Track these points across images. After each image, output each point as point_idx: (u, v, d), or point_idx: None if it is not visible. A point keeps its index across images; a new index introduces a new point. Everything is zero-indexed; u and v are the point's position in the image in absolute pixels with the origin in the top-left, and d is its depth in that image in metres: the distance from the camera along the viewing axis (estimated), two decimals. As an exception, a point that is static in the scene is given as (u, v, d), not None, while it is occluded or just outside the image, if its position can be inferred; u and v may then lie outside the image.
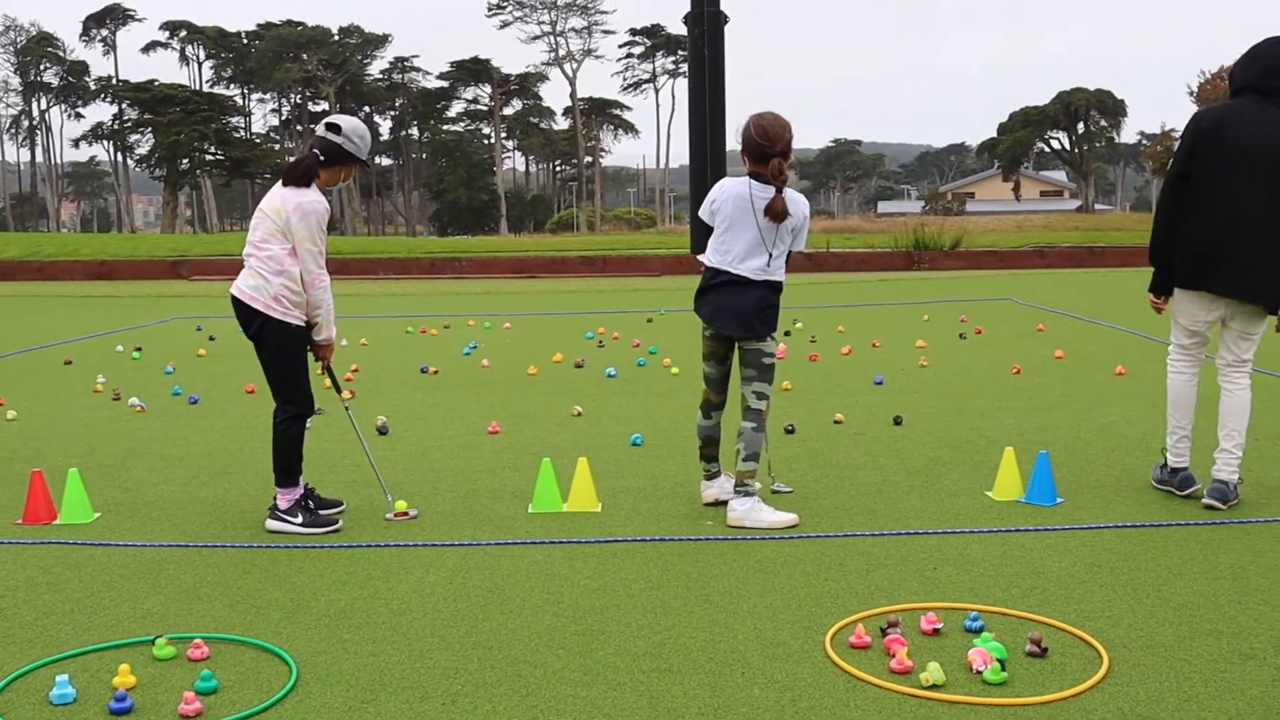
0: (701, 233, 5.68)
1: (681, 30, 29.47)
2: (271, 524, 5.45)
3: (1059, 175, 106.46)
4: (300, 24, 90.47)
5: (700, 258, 5.66)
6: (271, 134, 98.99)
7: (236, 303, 5.44)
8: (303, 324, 5.46)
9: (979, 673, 3.67)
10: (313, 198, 5.38)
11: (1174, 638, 3.98)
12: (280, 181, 5.47)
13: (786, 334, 13.12)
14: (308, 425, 5.70)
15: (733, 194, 5.46)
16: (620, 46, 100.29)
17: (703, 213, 5.65)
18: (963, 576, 4.68)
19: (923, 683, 3.60)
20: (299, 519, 5.43)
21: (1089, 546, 5.04)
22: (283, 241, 5.36)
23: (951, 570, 4.76)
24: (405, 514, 5.66)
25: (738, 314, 5.46)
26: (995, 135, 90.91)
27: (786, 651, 3.91)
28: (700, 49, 26.19)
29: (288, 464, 5.49)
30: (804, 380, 9.77)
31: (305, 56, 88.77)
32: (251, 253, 5.41)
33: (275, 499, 5.49)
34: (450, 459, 6.96)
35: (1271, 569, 4.68)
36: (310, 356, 5.63)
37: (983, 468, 6.45)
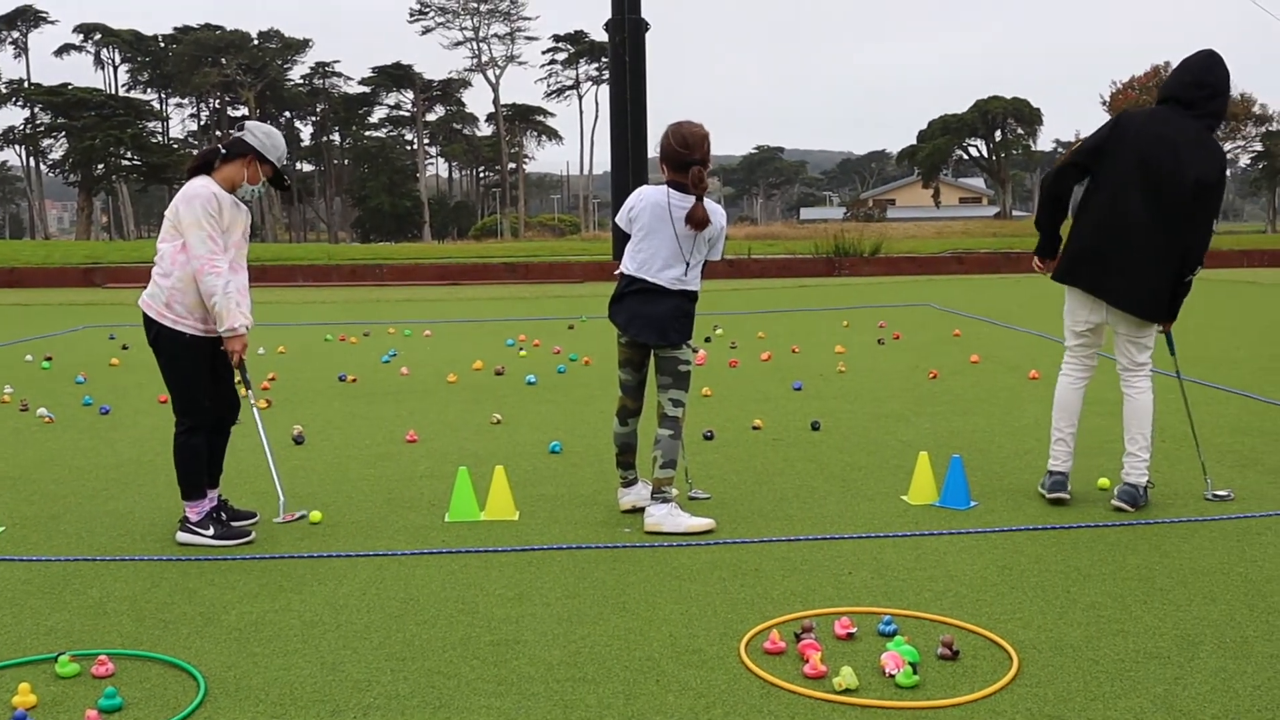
0: (621, 240, 5.67)
1: (604, 37, 29.48)
2: (182, 536, 5.35)
3: (977, 182, 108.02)
4: (219, 28, 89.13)
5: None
6: (190, 139, 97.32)
7: (140, 309, 5.37)
8: (200, 333, 5.30)
9: (891, 676, 3.70)
10: (197, 184, 5.24)
11: (1082, 638, 4.04)
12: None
13: (707, 340, 13.17)
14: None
15: (651, 202, 5.47)
16: (544, 53, 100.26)
17: (619, 219, 5.64)
18: (877, 581, 4.71)
19: (836, 687, 3.62)
20: (210, 531, 5.33)
21: (1001, 549, 5.11)
22: (174, 238, 5.25)
23: (866, 575, 4.79)
24: (294, 516, 5.66)
25: (652, 322, 5.45)
26: (915, 143, 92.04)
27: (701, 658, 3.92)
28: (621, 56, 26.26)
29: (189, 477, 5.39)
30: (723, 386, 9.81)
31: (224, 61, 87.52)
32: (155, 259, 5.34)
33: (185, 512, 5.39)
34: (367, 468, 6.89)
35: (1177, 569, 4.77)
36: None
37: (899, 472, 6.51)
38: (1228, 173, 5.54)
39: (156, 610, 4.45)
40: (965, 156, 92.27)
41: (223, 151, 5.36)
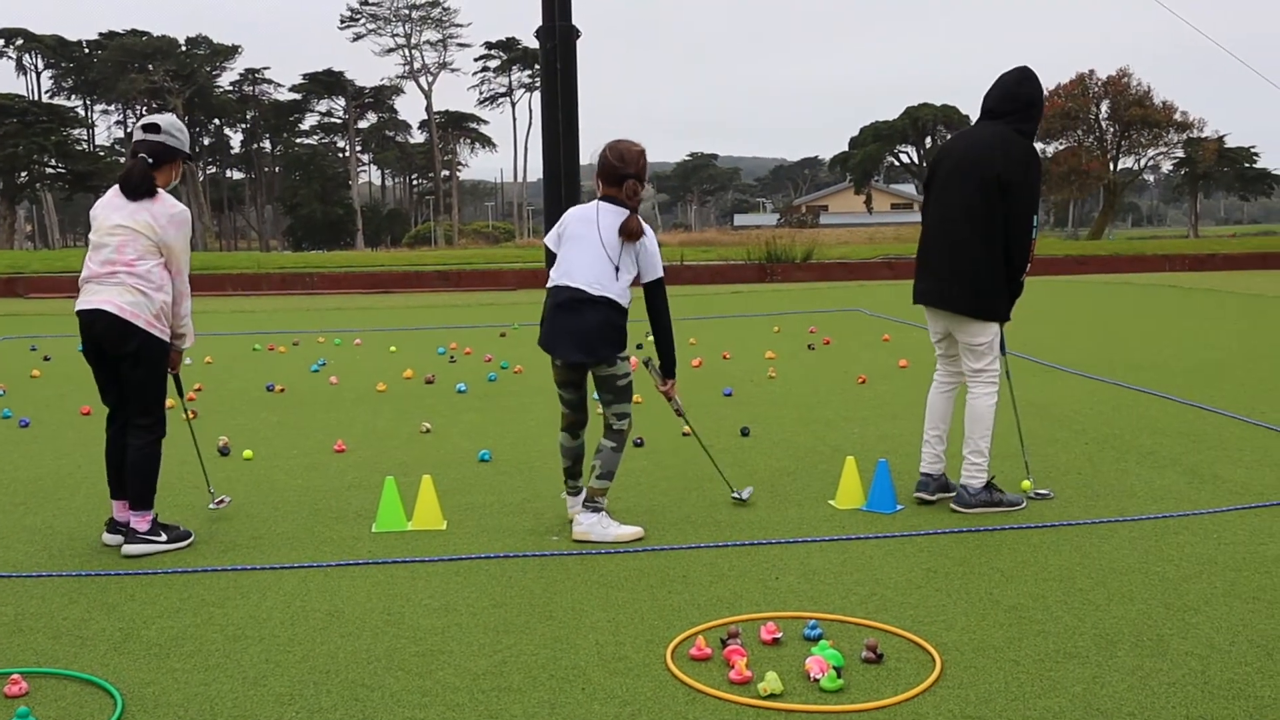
0: (551, 261, 5.62)
1: (536, 44, 29.35)
2: (133, 549, 5.22)
3: (909, 188, 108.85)
4: (145, 34, 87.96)
5: None
6: (116, 146, 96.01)
7: (108, 319, 5.20)
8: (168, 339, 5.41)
9: (816, 680, 3.72)
10: (182, 207, 5.40)
11: (1004, 639, 4.09)
12: (125, 197, 5.29)
13: (639, 346, 13.15)
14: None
15: (577, 216, 5.50)
16: (476, 60, 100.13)
17: (549, 240, 5.63)
18: (804, 585, 4.74)
19: (761, 693, 3.63)
20: (163, 537, 5.28)
21: (926, 552, 5.16)
22: (157, 257, 5.28)
23: (793, 579, 4.82)
24: (223, 501, 5.94)
25: (578, 338, 5.36)
26: (847, 149, 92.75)
27: (628, 666, 3.91)
28: (552, 63, 26.18)
29: (151, 484, 5.34)
30: (653, 393, 9.79)
31: (151, 67, 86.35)
32: (119, 269, 5.22)
33: (130, 524, 5.29)
34: (293, 479, 6.81)
35: (1097, 570, 4.85)
36: None
37: (826, 477, 6.55)
38: (1039, 170, 5.73)
39: (74, 627, 4.37)
40: (896, 163, 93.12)
41: (150, 161, 5.34)
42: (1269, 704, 3.51)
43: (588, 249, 5.37)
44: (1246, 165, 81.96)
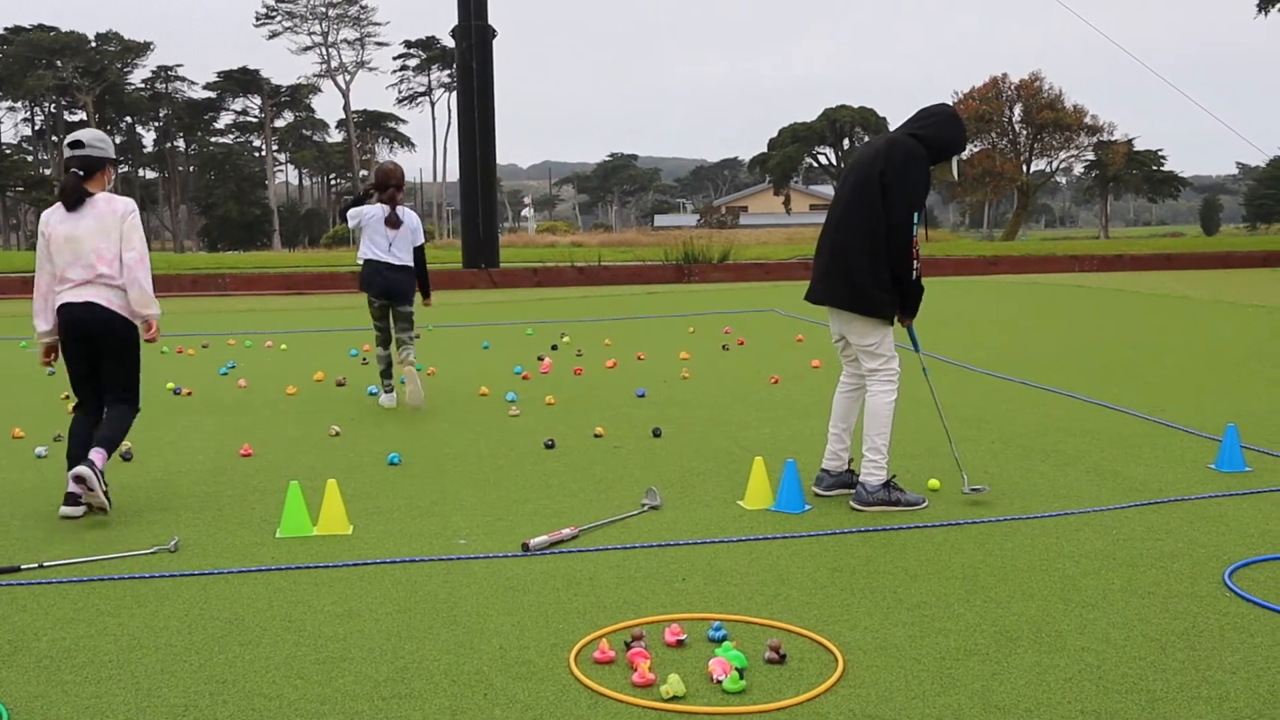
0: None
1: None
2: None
3: (827, 189, 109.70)
4: (53, 29, 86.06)
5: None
6: (24, 144, 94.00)
7: (97, 311, 5.83)
8: None
9: (719, 682, 3.72)
10: (128, 198, 6.00)
11: (905, 637, 4.12)
12: (64, 209, 5.88)
13: (554, 348, 13.14)
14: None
15: (371, 215, 8.96)
16: (395, 59, 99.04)
17: (352, 224, 9.03)
18: (710, 586, 4.74)
19: (663, 695, 3.62)
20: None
21: (832, 552, 5.19)
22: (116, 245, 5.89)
23: (700, 581, 4.81)
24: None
25: (400, 289, 9.02)
26: (766, 151, 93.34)
27: (530, 670, 3.89)
28: (468, 62, 26.08)
29: (118, 441, 6.02)
30: (566, 394, 9.80)
31: (60, 63, 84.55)
32: (103, 271, 5.84)
33: (91, 458, 5.75)
34: (197, 485, 6.68)
35: (999, 567, 4.91)
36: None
37: (736, 477, 6.57)
38: (921, 171, 5.75)
39: (-39, 639, 4.24)
40: (815, 164, 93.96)
41: (81, 173, 5.89)
42: (1160, 698, 3.58)
43: (383, 238, 8.92)
44: (1154, 168, 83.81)
